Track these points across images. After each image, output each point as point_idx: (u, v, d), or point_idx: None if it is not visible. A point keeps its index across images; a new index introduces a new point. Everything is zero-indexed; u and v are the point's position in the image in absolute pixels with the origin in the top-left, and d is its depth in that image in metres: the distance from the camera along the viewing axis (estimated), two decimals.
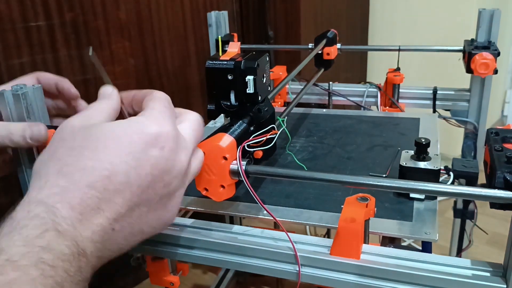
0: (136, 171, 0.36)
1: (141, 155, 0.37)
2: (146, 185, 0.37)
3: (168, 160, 0.38)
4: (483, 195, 0.44)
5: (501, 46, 0.94)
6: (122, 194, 0.36)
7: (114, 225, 0.35)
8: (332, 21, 1.80)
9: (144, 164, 0.37)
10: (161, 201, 0.39)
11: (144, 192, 0.37)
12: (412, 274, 0.45)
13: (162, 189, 0.39)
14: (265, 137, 0.54)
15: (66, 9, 1.11)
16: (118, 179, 0.35)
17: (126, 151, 0.36)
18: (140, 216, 0.38)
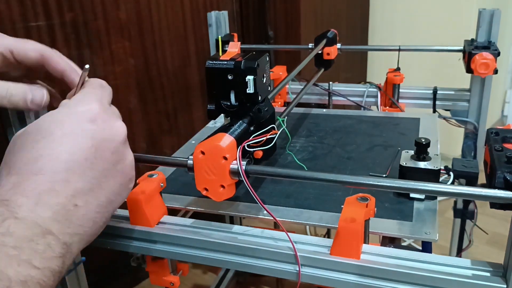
0: (78, 147, 0.39)
1: (77, 132, 0.39)
2: (93, 157, 0.39)
3: (105, 129, 0.41)
4: (483, 195, 0.44)
5: (501, 46, 0.94)
6: (72, 171, 0.38)
7: (75, 201, 0.37)
8: (332, 21, 1.80)
9: (83, 139, 0.39)
10: (116, 167, 0.42)
11: (94, 163, 0.39)
12: (412, 274, 0.45)
13: (111, 156, 0.41)
14: (265, 137, 0.54)
15: (66, 9, 1.11)
16: (62, 159, 0.37)
17: (60, 133, 0.38)
18: (101, 186, 0.40)
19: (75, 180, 0.38)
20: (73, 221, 0.37)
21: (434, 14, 1.97)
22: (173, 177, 0.72)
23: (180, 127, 1.48)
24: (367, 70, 2.16)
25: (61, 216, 0.36)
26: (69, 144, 0.38)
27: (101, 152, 0.40)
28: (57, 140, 0.38)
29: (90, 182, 0.39)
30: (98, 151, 0.40)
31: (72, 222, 0.37)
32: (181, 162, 0.53)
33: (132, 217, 0.56)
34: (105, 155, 0.40)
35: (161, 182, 0.58)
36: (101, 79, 0.49)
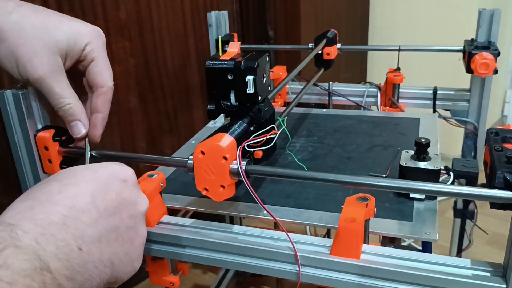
0: (101, 194, 0.39)
1: (106, 182, 0.40)
2: (112, 210, 0.39)
3: (132, 191, 0.42)
4: (483, 195, 0.44)
5: (501, 46, 0.94)
6: (89, 213, 0.37)
7: (80, 244, 0.36)
8: (332, 21, 1.80)
9: (108, 190, 0.40)
10: (128, 233, 0.41)
11: (111, 216, 0.39)
12: (412, 274, 0.45)
13: (128, 219, 0.41)
14: (265, 137, 0.54)
15: (66, 9, 1.11)
16: (84, 199, 0.37)
17: (91, 178, 0.39)
18: (108, 242, 0.39)
19: (88, 224, 0.37)
20: (73, 265, 0.35)
21: (434, 14, 1.97)
22: (173, 177, 0.72)
23: (180, 127, 1.47)
24: (367, 70, 2.16)
25: (63, 254, 0.34)
26: (95, 188, 0.38)
27: (121, 210, 0.40)
28: (85, 182, 0.38)
29: (100, 232, 0.38)
30: (118, 207, 0.40)
31: (72, 264, 0.35)
32: (181, 162, 0.53)
33: None
34: (123, 215, 0.40)
35: (161, 182, 0.58)
36: None
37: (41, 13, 0.49)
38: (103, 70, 0.52)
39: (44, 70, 0.47)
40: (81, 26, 0.51)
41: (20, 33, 0.46)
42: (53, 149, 0.58)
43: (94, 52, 0.51)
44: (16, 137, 0.58)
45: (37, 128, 0.58)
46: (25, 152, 0.58)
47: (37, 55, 0.47)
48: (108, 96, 0.55)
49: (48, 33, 0.48)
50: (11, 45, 0.46)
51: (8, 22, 0.46)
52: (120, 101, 1.28)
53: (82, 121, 0.55)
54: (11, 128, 0.57)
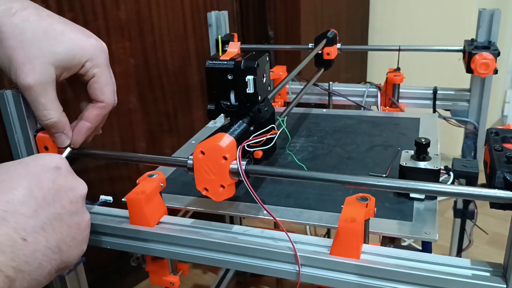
0: (37, 185, 0.39)
1: (39, 173, 0.40)
2: (51, 198, 0.40)
3: (67, 178, 0.43)
4: (483, 195, 0.44)
5: (501, 46, 0.94)
6: (27, 205, 0.38)
7: (24, 236, 0.37)
8: (332, 21, 1.80)
9: (44, 179, 0.40)
10: (72, 217, 0.42)
11: (51, 204, 0.40)
12: (412, 274, 0.45)
13: (69, 205, 0.42)
14: (265, 137, 0.54)
15: (66, 9, 1.11)
16: (20, 192, 0.38)
17: (23, 171, 0.40)
18: (53, 230, 0.40)
19: (29, 215, 0.38)
20: (20, 256, 0.36)
21: (434, 14, 1.97)
22: (173, 177, 0.72)
23: (180, 127, 1.48)
24: (367, 70, 2.16)
25: (6, 247, 0.35)
26: (29, 181, 0.39)
27: (60, 197, 0.41)
28: (18, 176, 0.39)
29: (43, 221, 0.39)
30: (57, 195, 0.40)
31: (18, 256, 0.36)
32: (181, 162, 0.53)
33: (132, 217, 0.56)
34: (63, 201, 0.41)
35: (161, 182, 0.58)
36: None
37: (45, 20, 0.48)
38: (104, 87, 0.52)
39: (34, 79, 0.46)
40: (83, 40, 0.50)
41: (19, 37, 0.46)
42: (53, 149, 0.58)
43: (95, 68, 0.51)
44: (16, 137, 0.58)
45: (37, 128, 0.58)
46: (25, 152, 0.58)
47: (30, 62, 0.46)
48: (103, 111, 0.55)
49: (47, 43, 0.47)
50: (8, 47, 0.46)
51: (10, 24, 0.45)
52: (120, 101, 1.27)
53: (66, 133, 0.55)
54: (11, 128, 0.57)
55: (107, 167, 1.29)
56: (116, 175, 1.32)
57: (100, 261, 1.16)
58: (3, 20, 0.45)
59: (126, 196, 0.55)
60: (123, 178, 1.33)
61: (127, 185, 1.30)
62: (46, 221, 0.39)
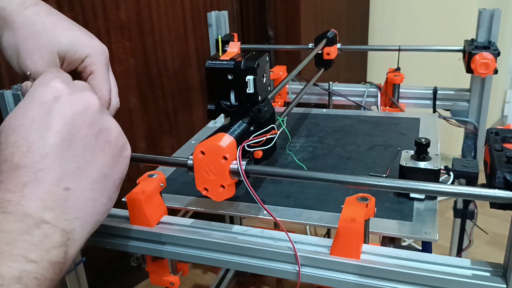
0: (49, 131, 0.37)
1: (43, 116, 0.37)
2: (69, 135, 0.37)
3: (72, 103, 0.39)
4: (483, 195, 0.44)
5: (501, 46, 0.94)
6: (50, 156, 0.36)
7: (65, 185, 0.36)
8: (332, 21, 1.80)
9: (52, 120, 0.37)
10: (98, 139, 0.40)
11: (73, 142, 0.38)
12: (412, 274, 0.45)
13: (89, 129, 0.39)
14: (265, 137, 0.54)
15: (66, 9, 1.11)
16: (36, 147, 0.36)
17: (28, 122, 0.37)
18: (88, 163, 0.38)
19: (58, 165, 0.36)
20: (69, 206, 0.36)
21: (434, 14, 1.97)
22: (173, 177, 0.72)
23: (180, 127, 1.48)
24: (367, 70, 2.16)
25: (52, 203, 0.35)
26: (39, 130, 0.37)
27: (77, 128, 0.38)
28: (26, 130, 0.37)
29: (75, 162, 0.37)
30: (72, 129, 0.38)
31: (67, 207, 0.36)
32: (181, 162, 0.53)
33: (132, 217, 0.56)
34: (81, 130, 0.38)
35: (161, 182, 0.58)
36: None
37: (53, 16, 0.51)
38: (101, 84, 0.52)
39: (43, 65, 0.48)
40: (87, 38, 0.52)
41: (30, 27, 0.48)
42: None
43: (93, 66, 0.52)
44: None
45: None
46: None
47: (39, 51, 0.48)
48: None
49: (54, 34, 0.49)
50: (18, 37, 0.48)
51: (23, 15, 0.48)
52: (120, 101, 1.28)
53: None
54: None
55: None
56: None
57: (100, 261, 1.16)
58: (16, 12, 0.48)
59: (126, 196, 0.56)
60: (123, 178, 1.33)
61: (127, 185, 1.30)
62: (77, 160, 0.37)
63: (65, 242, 0.35)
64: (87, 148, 0.38)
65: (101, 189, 0.39)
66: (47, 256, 0.33)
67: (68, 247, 0.35)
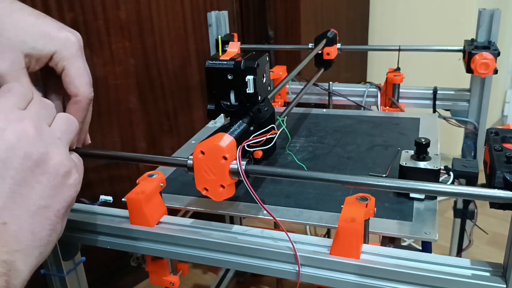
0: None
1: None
2: (1, 169, 0.36)
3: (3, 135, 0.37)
4: (482, 195, 0.44)
5: (501, 46, 0.94)
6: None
7: (1, 220, 0.36)
8: (332, 21, 1.80)
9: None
10: (34, 172, 0.38)
11: (5, 177, 0.37)
12: (412, 274, 0.45)
13: (23, 162, 0.38)
14: (265, 137, 0.54)
15: (66, 9, 1.11)
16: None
17: None
18: (24, 196, 0.37)
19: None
20: (7, 239, 0.35)
21: (434, 14, 1.97)
22: (173, 177, 0.72)
23: (180, 127, 1.48)
24: (367, 70, 2.16)
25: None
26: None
27: (9, 163, 0.37)
28: None
29: (8, 197, 0.36)
30: (5, 164, 0.37)
31: (6, 240, 0.35)
32: (181, 162, 0.53)
33: (132, 217, 0.56)
34: (15, 164, 0.37)
35: (161, 182, 0.58)
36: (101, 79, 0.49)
37: (16, 13, 0.48)
38: (75, 79, 0.49)
39: (5, 67, 0.46)
40: (54, 32, 0.49)
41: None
42: None
43: (64, 61, 0.49)
44: None
45: None
46: None
47: (1, 52, 0.46)
48: (81, 105, 0.51)
49: (16, 33, 0.47)
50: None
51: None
52: (120, 101, 1.28)
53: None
54: None
55: (107, 167, 1.29)
56: (116, 175, 1.32)
57: (100, 261, 1.16)
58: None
59: (126, 196, 0.56)
60: (123, 178, 1.33)
61: (127, 185, 1.30)
62: (11, 195, 0.37)
63: (6, 273, 0.35)
64: (22, 181, 0.37)
65: (41, 221, 0.38)
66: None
67: (11, 277, 0.35)
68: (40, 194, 0.38)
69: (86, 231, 0.59)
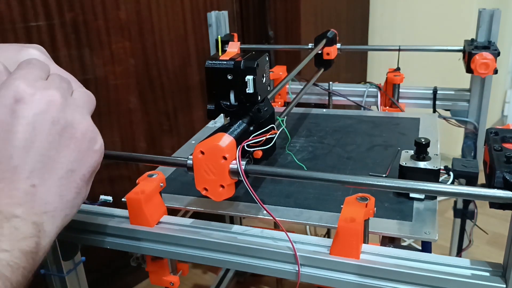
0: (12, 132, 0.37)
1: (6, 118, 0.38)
2: (32, 135, 0.38)
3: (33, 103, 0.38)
4: (482, 195, 0.44)
5: (501, 46, 0.94)
6: (16, 156, 0.37)
7: (31, 182, 0.37)
8: (332, 21, 1.80)
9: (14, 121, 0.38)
10: (63, 136, 0.39)
11: (36, 141, 0.38)
12: (412, 274, 0.45)
13: (53, 127, 0.39)
14: (264, 137, 0.54)
15: (66, 9, 1.11)
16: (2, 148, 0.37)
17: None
18: (54, 160, 0.39)
19: (23, 164, 0.37)
20: (36, 201, 0.37)
21: (434, 14, 1.97)
22: (173, 177, 0.72)
23: (180, 127, 1.48)
24: (367, 70, 2.16)
25: (20, 199, 0.36)
26: (2, 133, 0.37)
27: (39, 128, 0.38)
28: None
29: (39, 160, 0.38)
30: (35, 129, 0.38)
31: (35, 202, 0.37)
32: (181, 162, 0.53)
33: (132, 217, 0.56)
34: (44, 129, 0.38)
35: (160, 182, 0.58)
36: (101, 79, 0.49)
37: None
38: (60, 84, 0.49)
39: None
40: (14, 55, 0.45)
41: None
42: None
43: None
44: None
45: None
46: None
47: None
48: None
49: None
50: None
51: None
52: (120, 101, 1.28)
53: None
54: None
55: (107, 167, 1.29)
56: (116, 175, 1.32)
57: (100, 261, 1.16)
58: None
59: (126, 196, 0.56)
60: (123, 178, 1.33)
61: (127, 185, 1.30)
62: (41, 158, 0.38)
63: (36, 234, 0.36)
64: (51, 146, 0.39)
65: (68, 185, 0.39)
66: (18, 245, 0.34)
67: (40, 238, 0.36)
68: (68, 159, 0.40)
69: (86, 231, 0.59)
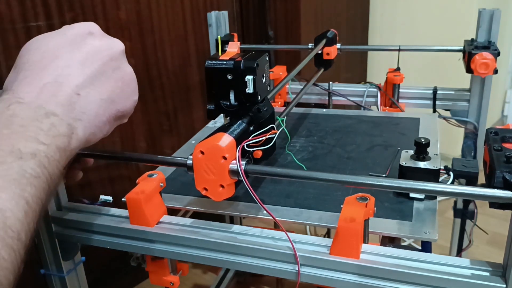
0: (78, 50, 0.43)
1: (77, 39, 0.44)
2: (92, 58, 0.44)
3: (102, 39, 0.46)
4: (482, 195, 0.44)
5: (501, 46, 0.94)
6: (73, 67, 0.42)
7: (77, 91, 0.42)
8: (332, 21, 1.80)
9: (82, 44, 0.44)
10: (115, 72, 0.45)
11: (94, 63, 0.44)
12: (412, 274, 0.45)
13: (110, 61, 0.45)
14: (264, 137, 0.54)
15: (66, 9, 1.11)
16: (64, 58, 0.42)
17: (63, 40, 0.43)
18: (101, 83, 0.44)
19: (76, 75, 0.42)
20: (76, 108, 0.41)
21: (434, 14, 1.97)
22: (173, 177, 0.72)
23: (180, 127, 1.48)
24: (367, 70, 2.16)
25: (63, 101, 0.40)
26: (70, 47, 0.43)
27: (100, 57, 0.44)
28: (59, 45, 0.43)
29: (90, 77, 0.43)
30: (97, 55, 0.44)
31: (74, 108, 0.41)
32: (181, 162, 0.53)
33: (132, 217, 0.56)
34: (104, 60, 0.44)
35: (160, 182, 0.58)
36: None
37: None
38: None
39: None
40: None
41: None
42: None
43: None
44: None
45: None
46: None
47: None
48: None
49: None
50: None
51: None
52: None
53: None
54: None
55: (107, 167, 1.29)
56: (116, 175, 1.32)
57: (100, 261, 1.16)
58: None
59: (126, 196, 0.56)
60: (123, 178, 1.33)
61: (127, 185, 1.30)
62: (92, 76, 0.43)
63: (69, 134, 0.40)
64: (104, 74, 0.44)
65: (105, 108, 0.44)
66: (54, 141, 0.38)
67: (71, 138, 0.40)
68: (113, 90, 0.45)
69: (86, 231, 0.59)
